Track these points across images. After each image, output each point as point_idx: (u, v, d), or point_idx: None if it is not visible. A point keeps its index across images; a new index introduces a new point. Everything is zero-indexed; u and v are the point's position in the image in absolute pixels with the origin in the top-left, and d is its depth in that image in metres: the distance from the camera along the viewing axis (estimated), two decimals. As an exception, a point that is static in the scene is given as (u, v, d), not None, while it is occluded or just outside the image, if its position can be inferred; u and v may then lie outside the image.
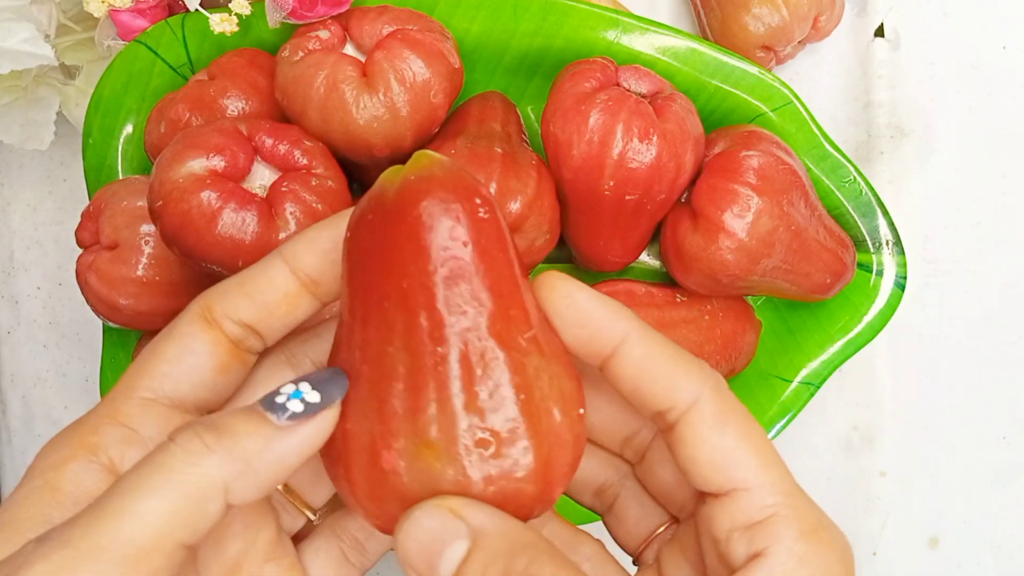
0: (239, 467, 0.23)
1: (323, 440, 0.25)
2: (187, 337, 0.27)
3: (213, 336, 0.27)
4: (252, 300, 0.27)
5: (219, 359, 0.27)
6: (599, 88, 0.40)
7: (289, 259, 0.28)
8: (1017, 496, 0.53)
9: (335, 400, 0.25)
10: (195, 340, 0.27)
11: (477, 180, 0.25)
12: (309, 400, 0.25)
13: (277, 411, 0.24)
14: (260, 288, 0.27)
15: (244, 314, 0.27)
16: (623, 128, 0.39)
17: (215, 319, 0.27)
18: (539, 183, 0.40)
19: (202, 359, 0.27)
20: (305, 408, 0.24)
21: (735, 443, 0.25)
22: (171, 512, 0.22)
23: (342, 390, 0.25)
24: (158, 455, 0.23)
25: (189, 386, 0.27)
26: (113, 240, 0.40)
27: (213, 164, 0.36)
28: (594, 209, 0.42)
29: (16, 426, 0.54)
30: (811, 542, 0.25)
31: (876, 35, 0.52)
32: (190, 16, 0.43)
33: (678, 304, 0.45)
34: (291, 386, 0.25)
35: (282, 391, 0.25)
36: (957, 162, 0.52)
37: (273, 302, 0.27)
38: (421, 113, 0.39)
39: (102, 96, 0.44)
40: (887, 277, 0.46)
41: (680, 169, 0.41)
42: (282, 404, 0.24)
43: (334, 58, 0.39)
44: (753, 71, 0.45)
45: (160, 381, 0.27)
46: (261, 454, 0.24)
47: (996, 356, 0.52)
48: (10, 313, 0.54)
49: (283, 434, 0.24)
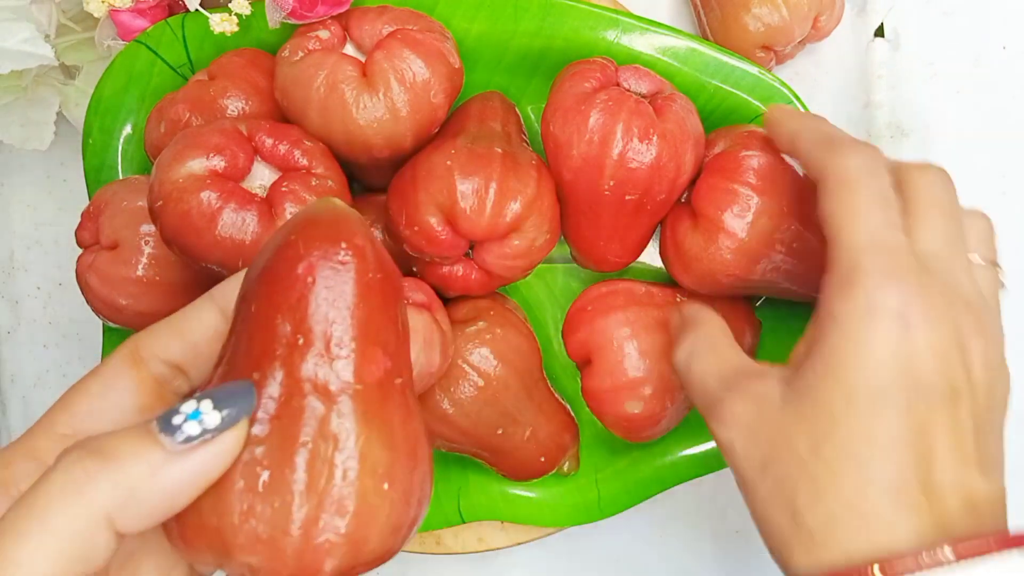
0: (123, 495, 0.22)
1: (223, 467, 0.24)
2: (112, 375, 0.27)
3: (138, 375, 0.27)
4: (182, 339, 0.28)
5: (142, 399, 0.27)
6: (599, 88, 0.40)
7: (219, 300, 0.28)
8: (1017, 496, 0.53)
9: (239, 420, 0.24)
10: (119, 378, 0.27)
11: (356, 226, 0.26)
12: (207, 423, 0.23)
13: (172, 432, 0.23)
14: (190, 327, 0.28)
15: (173, 353, 0.28)
16: (623, 128, 0.39)
17: (143, 358, 0.27)
18: (539, 183, 0.40)
19: (125, 397, 0.27)
20: (203, 431, 0.23)
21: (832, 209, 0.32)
22: (56, 553, 0.22)
23: (248, 408, 0.24)
24: (41, 486, 0.22)
25: (109, 424, 0.27)
26: (113, 240, 0.40)
27: (213, 164, 0.36)
28: (594, 209, 0.42)
29: (16, 426, 0.54)
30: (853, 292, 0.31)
31: (876, 35, 0.52)
32: (190, 16, 0.43)
33: (678, 304, 0.45)
34: (192, 403, 0.23)
35: (181, 409, 0.23)
36: (957, 162, 0.52)
37: (202, 340, 0.28)
38: (421, 113, 0.40)
39: (102, 96, 0.44)
40: (887, 277, 0.46)
41: (680, 169, 0.41)
42: (178, 425, 0.23)
43: (334, 58, 0.39)
44: (753, 71, 0.45)
45: (80, 418, 0.27)
46: (148, 482, 0.23)
47: (996, 356, 0.52)
48: (10, 313, 0.54)
49: (174, 460, 0.23)
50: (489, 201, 0.39)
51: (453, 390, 0.41)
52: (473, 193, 0.38)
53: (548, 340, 0.47)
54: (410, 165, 0.40)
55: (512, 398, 0.43)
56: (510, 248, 0.40)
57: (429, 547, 0.49)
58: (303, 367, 0.25)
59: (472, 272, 0.42)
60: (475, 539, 0.49)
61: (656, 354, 0.42)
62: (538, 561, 0.52)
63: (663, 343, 0.42)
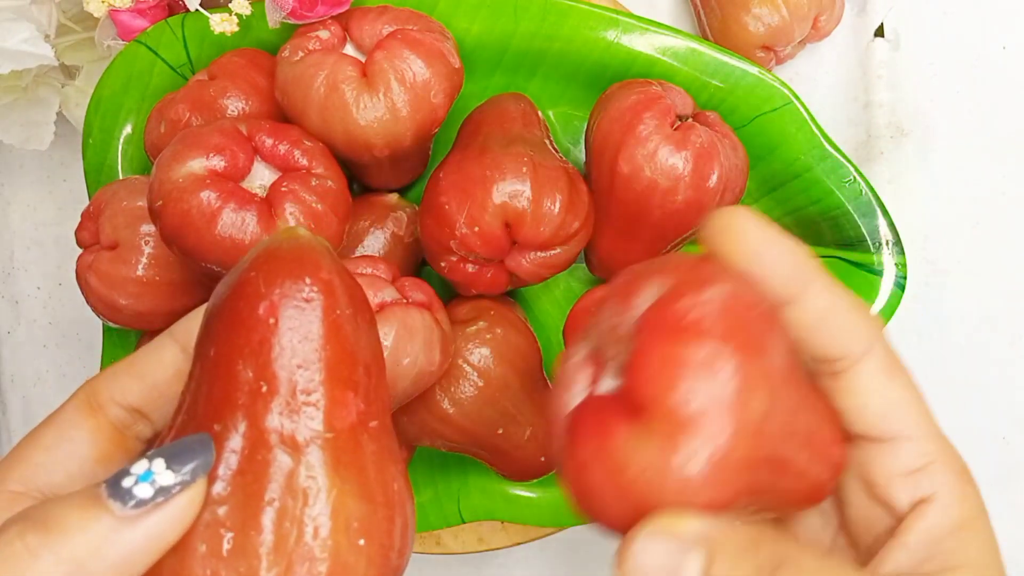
0: (69, 570, 0.21)
1: (182, 531, 0.22)
2: (66, 424, 0.26)
3: (95, 423, 0.26)
4: (142, 380, 0.26)
5: (100, 448, 0.26)
6: (658, 118, 0.41)
7: (179, 337, 0.27)
8: (1017, 496, 0.53)
9: (197, 479, 0.22)
10: (74, 428, 0.26)
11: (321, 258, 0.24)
12: (161, 483, 0.21)
13: (122, 497, 0.21)
14: (150, 368, 0.26)
15: (132, 396, 0.26)
16: (691, 167, 0.40)
17: (100, 404, 0.26)
18: (588, 199, 0.41)
19: (81, 447, 0.26)
20: (155, 493, 0.21)
21: (901, 395, 0.26)
22: None
23: (206, 465, 0.22)
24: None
25: (65, 476, 0.25)
26: (113, 240, 0.40)
27: (213, 164, 0.36)
28: (633, 228, 0.42)
29: (16, 426, 0.54)
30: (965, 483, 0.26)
31: (876, 35, 0.52)
32: (190, 16, 0.43)
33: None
34: (143, 463, 0.22)
35: (131, 470, 0.21)
36: (957, 162, 0.52)
37: (163, 380, 0.26)
38: (421, 113, 0.39)
39: (102, 96, 0.44)
40: (887, 277, 0.46)
41: (724, 200, 0.41)
42: (128, 489, 0.21)
43: (334, 58, 0.39)
44: (753, 71, 0.45)
45: (33, 471, 0.25)
46: (96, 553, 0.21)
47: (996, 356, 0.52)
48: (10, 313, 0.54)
49: (125, 527, 0.21)
50: (556, 214, 0.39)
51: (453, 390, 0.41)
52: (545, 204, 0.39)
53: (548, 340, 0.47)
54: (476, 162, 0.40)
55: (512, 398, 0.43)
56: (551, 257, 0.41)
57: (429, 547, 0.49)
58: (267, 417, 0.23)
59: (501, 274, 0.42)
60: (475, 539, 0.49)
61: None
62: (538, 561, 0.52)
63: None
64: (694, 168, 0.40)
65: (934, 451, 0.26)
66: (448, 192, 0.40)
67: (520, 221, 0.39)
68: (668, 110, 0.41)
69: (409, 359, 0.36)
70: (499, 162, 0.39)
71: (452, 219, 0.39)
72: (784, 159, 0.45)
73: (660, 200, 0.41)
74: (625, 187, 0.41)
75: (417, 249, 0.45)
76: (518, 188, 0.39)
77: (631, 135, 0.40)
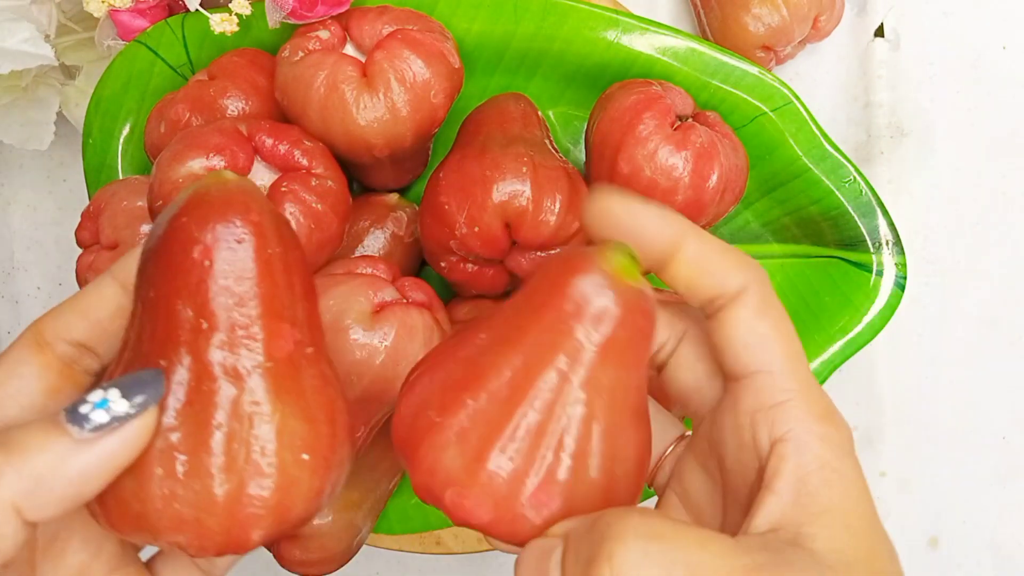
0: (29, 485, 0.23)
1: (134, 453, 0.24)
2: (15, 361, 0.27)
3: (43, 359, 0.27)
4: (85, 317, 0.28)
5: (49, 382, 0.27)
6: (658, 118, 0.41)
7: (119, 275, 0.28)
8: (1017, 496, 0.53)
9: (148, 407, 0.24)
10: (23, 364, 0.27)
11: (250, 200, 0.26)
12: (116, 410, 0.24)
13: (80, 422, 0.23)
14: (92, 305, 0.28)
15: (76, 333, 0.28)
16: (691, 168, 0.40)
17: (46, 341, 0.27)
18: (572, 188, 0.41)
19: (30, 382, 0.27)
20: (111, 419, 0.23)
21: (768, 331, 0.26)
22: None
23: (157, 395, 0.24)
24: None
25: (17, 409, 0.27)
26: (113, 240, 0.40)
27: (213, 164, 0.36)
28: None
29: (16, 426, 0.54)
30: (826, 424, 0.26)
31: (876, 35, 0.52)
32: (190, 16, 0.43)
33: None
34: (99, 392, 0.24)
35: (88, 398, 0.24)
36: (957, 162, 0.52)
37: (106, 317, 0.28)
38: (421, 113, 0.39)
39: (102, 96, 0.44)
40: (887, 277, 0.46)
41: (724, 200, 0.42)
42: (85, 415, 0.23)
43: (334, 58, 0.39)
44: (753, 71, 0.45)
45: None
46: (55, 471, 0.23)
47: (996, 356, 0.52)
48: (10, 313, 0.54)
49: (82, 448, 0.23)
50: (556, 215, 0.39)
51: (453, 390, 0.42)
52: (545, 204, 0.39)
53: (548, 340, 0.47)
54: (476, 162, 0.40)
55: (512, 398, 0.43)
56: (550, 256, 0.41)
57: (429, 547, 0.49)
58: (210, 352, 0.25)
59: (501, 274, 0.42)
60: (475, 539, 0.49)
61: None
62: (538, 561, 0.52)
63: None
64: (694, 168, 0.40)
65: (793, 389, 0.26)
66: (448, 192, 0.40)
67: (520, 221, 0.39)
68: (668, 110, 0.41)
69: (409, 359, 0.36)
70: (499, 162, 0.39)
71: (452, 219, 0.39)
72: (784, 159, 0.45)
73: (660, 200, 0.41)
74: (625, 187, 0.41)
75: (417, 249, 0.45)
76: (518, 188, 0.39)
77: (631, 135, 0.40)
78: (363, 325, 0.36)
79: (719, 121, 0.42)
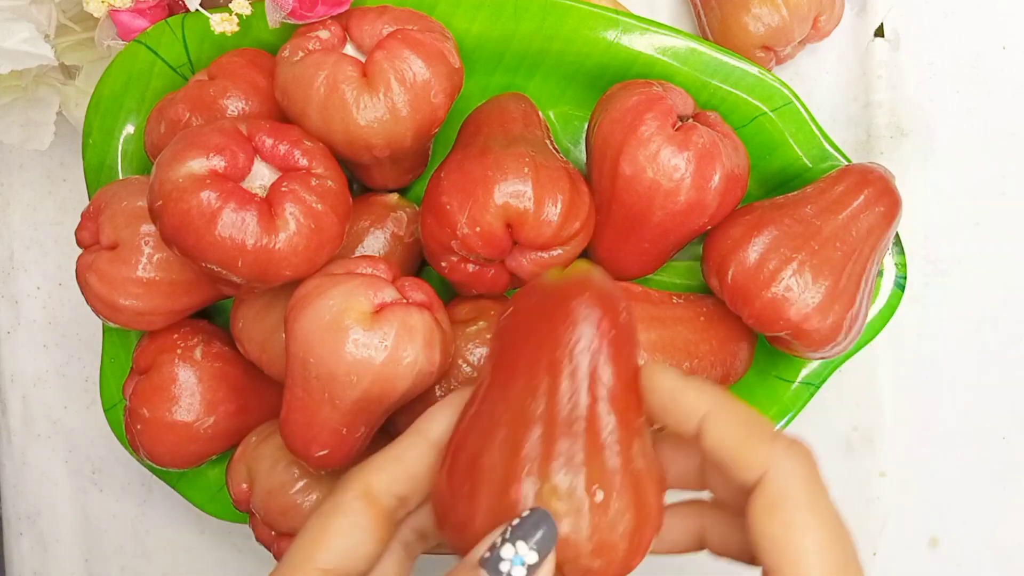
0: None
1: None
2: (353, 512, 0.30)
3: (374, 512, 0.30)
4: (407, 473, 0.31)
5: (380, 533, 0.30)
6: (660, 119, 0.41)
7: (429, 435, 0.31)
8: (1017, 496, 0.53)
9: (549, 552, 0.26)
10: (360, 515, 0.30)
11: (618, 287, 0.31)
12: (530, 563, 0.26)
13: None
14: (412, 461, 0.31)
15: (399, 488, 0.31)
16: (693, 168, 0.40)
17: (375, 496, 0.30)
18: (590, 200, 0.42)
19: (368, 534, 0.30)
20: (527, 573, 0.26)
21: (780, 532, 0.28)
22: None
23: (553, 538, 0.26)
24: None
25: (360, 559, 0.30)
26: (113, 240, 0.40)
27: (213, 164, 0.36)
28: (635, 228, 0.42)
29: (16, 426, 0.54)
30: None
31: (876, 35, 0.52)
32: (190, 16, 0.43)
33: (674, 304, 0.45)
34: (510, 548, 0.26)
35: (503, 555, 0.26)
36: (957, 162, 0.52)
37: (421, 471, 0.31)
38: (421, 113, 0.39)
39: (102, 96, 0.44)
40: (887, 277, 0.46)
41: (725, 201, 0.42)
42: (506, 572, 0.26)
43: (334, 58, 0.39)
44: (753, 71, 0.45)
45: (335, 554, 0.29)
46: None
47: (996, 356, 0.52)
48: (10, 313, 0.54)
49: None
50: (558, 215, 0.39)
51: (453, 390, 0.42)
52: (547, 205, 0.39)
53: (548, 340, 0.48)
54: (477, 162, 0.40)
55: (512, 398, 0.43)
56: (552, 257, 0.41)
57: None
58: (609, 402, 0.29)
59: (501, 274, 0.42)
60: (475, 539, 0.49)
61: (649, 348, 0.42)
62: (538, 561, 0.52)
63: (658, 338, 0.43)
64: (696, 169, 0.40)
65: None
66: (450, 192, 0.40)
67: (522, 221, 0.39)
68: (669, 111, 0.41)
69: (409, 359, 0.36)
70: (501, 162, 0.39)
71: (453, 219, 0.39)
72: (784, 159, 0.45)
73: (662, 201, 0.41)
74: (627, 188, 0.41)
75: (417, 249, 0.45)
76: (520, 188, 0.39)
77: (633, 136, 0.40)
78: (363, 325, 0.36)
79: (720, 121, 0.42)
